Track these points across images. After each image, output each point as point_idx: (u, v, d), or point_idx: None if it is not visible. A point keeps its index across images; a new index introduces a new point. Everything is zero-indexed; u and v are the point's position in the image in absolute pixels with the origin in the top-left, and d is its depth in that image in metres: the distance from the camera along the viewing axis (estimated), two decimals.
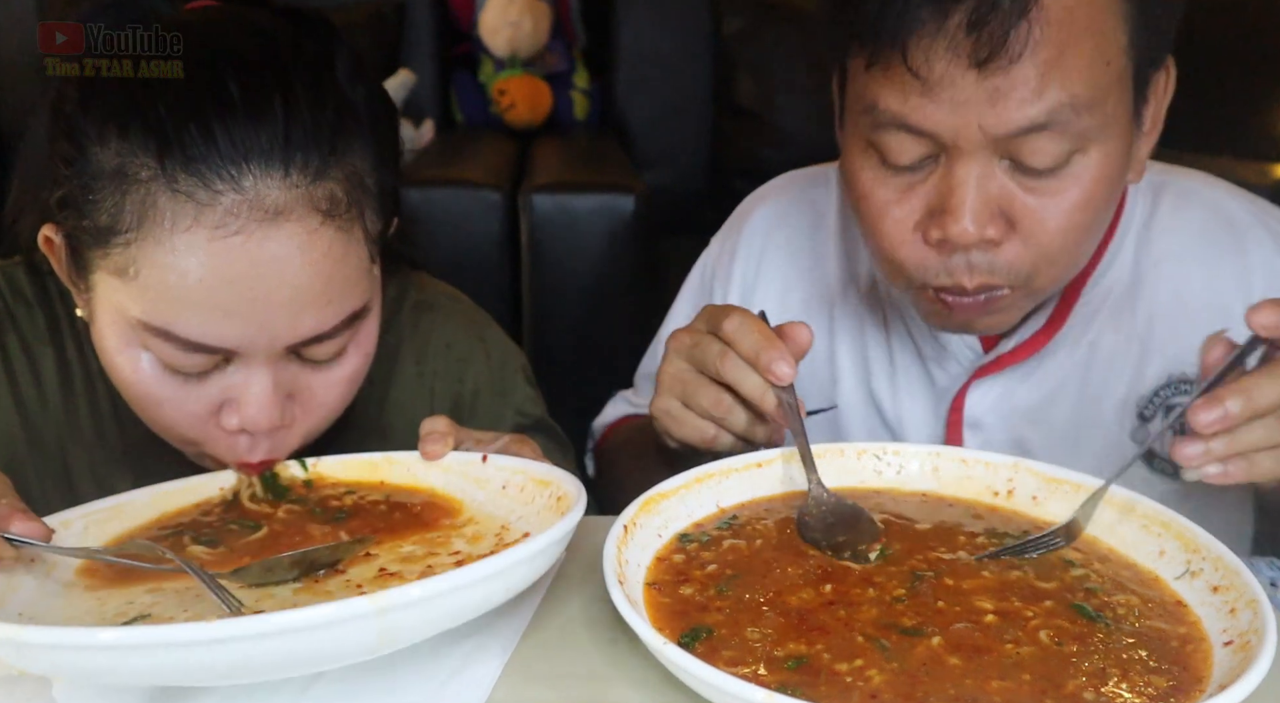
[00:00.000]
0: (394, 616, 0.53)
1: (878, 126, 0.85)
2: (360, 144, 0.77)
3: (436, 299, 1.07)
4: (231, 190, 0.70)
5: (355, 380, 0.84)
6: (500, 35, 2.71)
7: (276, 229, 0.72)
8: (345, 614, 0.52)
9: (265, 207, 0.71)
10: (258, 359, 0.76)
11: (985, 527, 0.75)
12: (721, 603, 0.65)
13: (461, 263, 2.09)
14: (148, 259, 0.72)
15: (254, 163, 0.71)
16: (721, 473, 0.79)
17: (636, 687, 0.63)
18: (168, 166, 0.70)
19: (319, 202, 0.74)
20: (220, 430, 0.79)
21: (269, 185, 0.71)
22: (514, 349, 1.11)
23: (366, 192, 0.78)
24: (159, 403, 0.78)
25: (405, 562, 0.69)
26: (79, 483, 0.91)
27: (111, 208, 0.72)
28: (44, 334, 0.91)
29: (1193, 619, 0.63)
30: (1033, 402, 1.00)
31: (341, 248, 0.76)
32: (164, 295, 0.72)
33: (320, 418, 0.83)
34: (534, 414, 1.08)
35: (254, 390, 0.76)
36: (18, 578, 0.65)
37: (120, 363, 0.77)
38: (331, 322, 0.77)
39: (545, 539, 0.60)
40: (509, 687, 0.63)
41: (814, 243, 1.13)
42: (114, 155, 0.71)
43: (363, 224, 0.78)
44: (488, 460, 0.80)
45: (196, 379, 0.77)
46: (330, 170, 0.74)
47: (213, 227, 0.70)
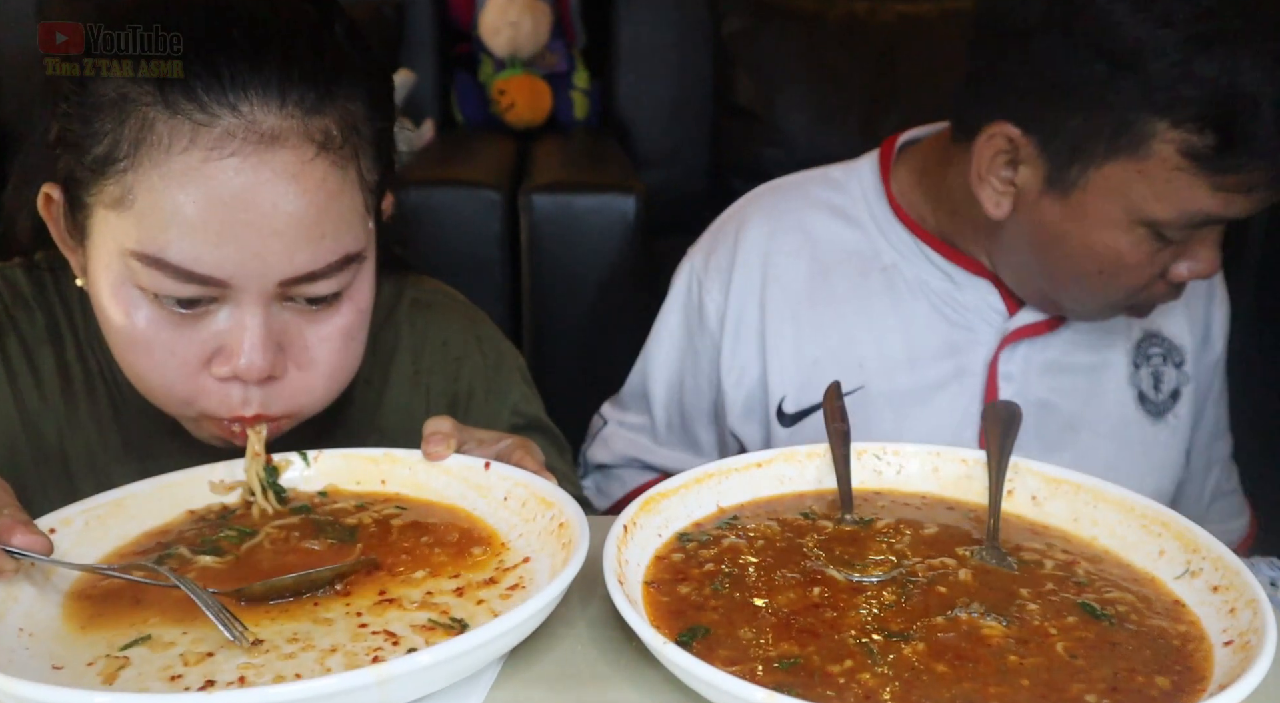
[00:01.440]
0: (394, 684, 0.53)
1: (1190, 224, 0.99)
2: (355, 92, 0.79)
3: (433, 298, 1.07)
4: (228, 114, 0.72)
5: (349, 337, 0.83)
6: (500, 35, 2.71)
7: (271, 154, 0.73)
8: (346, 686, 0.52)
9: (261, 131, 0.73)
10: (249, 298, 0.76)
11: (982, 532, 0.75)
12: (717, 602, 0.65)
13: (461, 263, 2.09)
14: (144, 183, 0.73)
15: (252, 91, 0.73)
16: (721, 473, 0.79)
17: (636, 686, 0.63)
18: (167, 93, 0.72)
19: (314, 133, 0.75)
20: (212, 381, 0.79)
21: (266, 112, 0.73)
22: (510, 348, 1.11)
23: (362, 138, 0.80)
24: (150, 350, 0.77)
25: (405, 586, 0.68)
26: (80, 483, 0.91)
27: (110, 136, 0.73)
28: (44, 335, 0.91)
29: (1191, 619, 0.63)
30: (1051, 358, 1.18)
31: (336, 183, 0.77)
32: (159, 220, 0.73)
33: (313, 377, 0.82)
34: (530, 413, 1.08)
35: (245, 334, 0.77)
36: (17, 587, 0.65)
37: (113, 310, 0.77)
38: (325, 259, 0.77)
39: (548, 595, 0.60)
40: (508, 686, 0.63)
41: (815, 243, 1.21)
42: (115, 86, 0.74)
43: (358, 167, 0.79)
44: (490, 468, 0.79)
45: (188, 324, 0.77)
46: (326, 107, 0.76)
47: (208, 148, 0.72)
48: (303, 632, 0.63)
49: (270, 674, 0.58)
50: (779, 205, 1.24)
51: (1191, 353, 1.22)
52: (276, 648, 0.61)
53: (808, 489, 0.81)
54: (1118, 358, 1.19)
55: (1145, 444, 1.20)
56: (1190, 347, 1.22)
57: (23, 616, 0.64)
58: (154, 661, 0.60)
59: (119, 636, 0.63)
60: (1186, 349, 1.21)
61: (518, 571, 0.70)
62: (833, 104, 2.45)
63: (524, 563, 0.71)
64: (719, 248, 1.24)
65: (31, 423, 0.90)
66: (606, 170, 2.32)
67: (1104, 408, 1.18)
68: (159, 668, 0.59)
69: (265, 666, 0.59)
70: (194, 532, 0.76)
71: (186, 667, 0.59)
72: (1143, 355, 1.20)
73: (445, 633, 0.62)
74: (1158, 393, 1.20)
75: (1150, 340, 1.21)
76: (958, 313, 1.17)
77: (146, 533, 0.76)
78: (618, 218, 2.09)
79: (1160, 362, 1.20)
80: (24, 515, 0.66)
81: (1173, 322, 1.21)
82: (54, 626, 0.64)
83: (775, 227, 1.22)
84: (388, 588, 0.68)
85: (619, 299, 2.12)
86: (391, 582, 0.69)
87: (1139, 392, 1.19)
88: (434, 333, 1.05)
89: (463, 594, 0.67)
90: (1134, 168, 0.98)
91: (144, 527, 0.76)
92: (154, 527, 0.76)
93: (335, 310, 0.81)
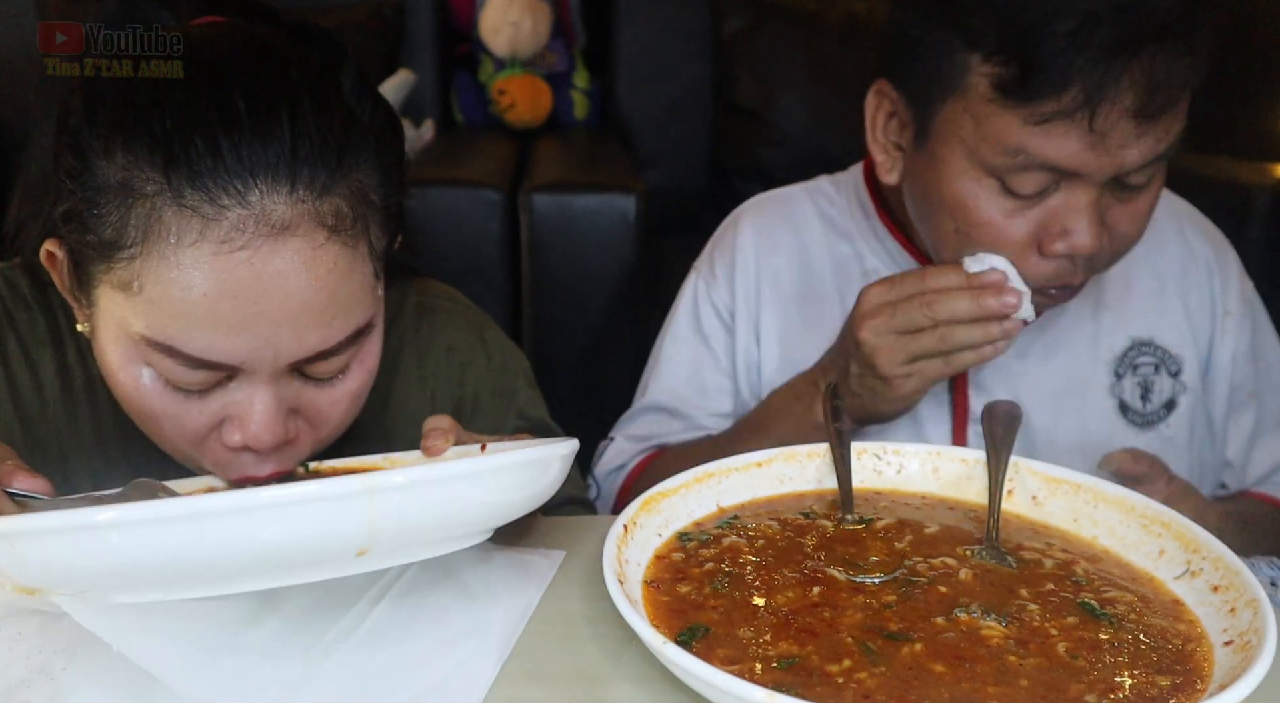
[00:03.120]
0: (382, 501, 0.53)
1: (1019, 167, 0.94)
2: (366, 159, 0.77)
3: (437, 302, 1.07)
4: (238, 205, 0.70)
5: (359, 396, 0.83)
6: (500, 35, 2.71)
7: (282, 245, 0.71)
8: (334, 492, 0.52)
9: (271, 222, 0.71)
10: (261, 376, 0.76)
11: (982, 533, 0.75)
12: (717, 602, 0.65)
13: (461, 263, 2.09)
14: (152, 274, 0.71)
15: (260, 178, 0.70)
16: (721, 472, 0.79)
17: (636, 686, 0.63)
18: (173, 181, 0.70)
19: (325, 217, 0.73)
20: (222, 447, 0.79)
21: (275, 201, 0.71)
22: (515, 351, 1.10)
23: (372, 207, 0.77)
24: (160, 419, 0.77)
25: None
26: (79, 487, 0.91)
27: (116, 222, 0.71)
28: (44, 337, 0.91)
29: (1190, 618, 0.63)
30: (1027, 366, 1.14)
31: (347, 264, 0.75)
32: (168, 311, 0.72)
33: (325, 434, 0.83)
34: (535, 416, 1.08)
35: (257, 407, 0.76)
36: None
37: (122, 379, 0.77)
38: (335, 338, 0.76)
39: (543, 451, 0.60)
40: (507, 685, 0.63)
41: (804, 248, 1.22)
42: (119, 169, 0.71)
43: (368, 240, 0.77)
44: (486, 449, 0.79)
45: (199, 396, 0.77)
46: (336, 185, 0.74)
47: (218, 242, 0.70)
48: None
49: None
50: (771, 217, 1.25)
51: (1192, 361, 1.17)
52: None
53: (808, 489, 0.81)
54: (1095, 369, 1.16)
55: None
56: (1191, 355, 1.17)
57: None
58: None
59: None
60: (1185, 357, 1.17)
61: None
62: (833, 104, 2.45)
63: None
64: (719, 254, 1.26)
65: (31, 426, 0.89)
66: (606, 170, 2.32)
67: (1080, 418, 1.15)
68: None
69: None
70: None
71: None
72: (1127, 365, 1.16)
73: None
74: (1145, 404, 1.16)
75: (1139, 349, 1.17)
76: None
77: None
78: (618, 218, 2.09)
79: (1151, 371, 1.16)
80: (22, 463, 0.67)
81: (1169, 328, 1.17)
82: None
83: (767, 238, 1.23)
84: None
85: (619, 299, 2.12)
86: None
87: (1120, 402, 1.16)
88: (439, 338, 1.04)
89: None
90: (960, 107, 0.96)
91: None
92: None
93: (346, 376, 0.81)
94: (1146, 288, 1.17)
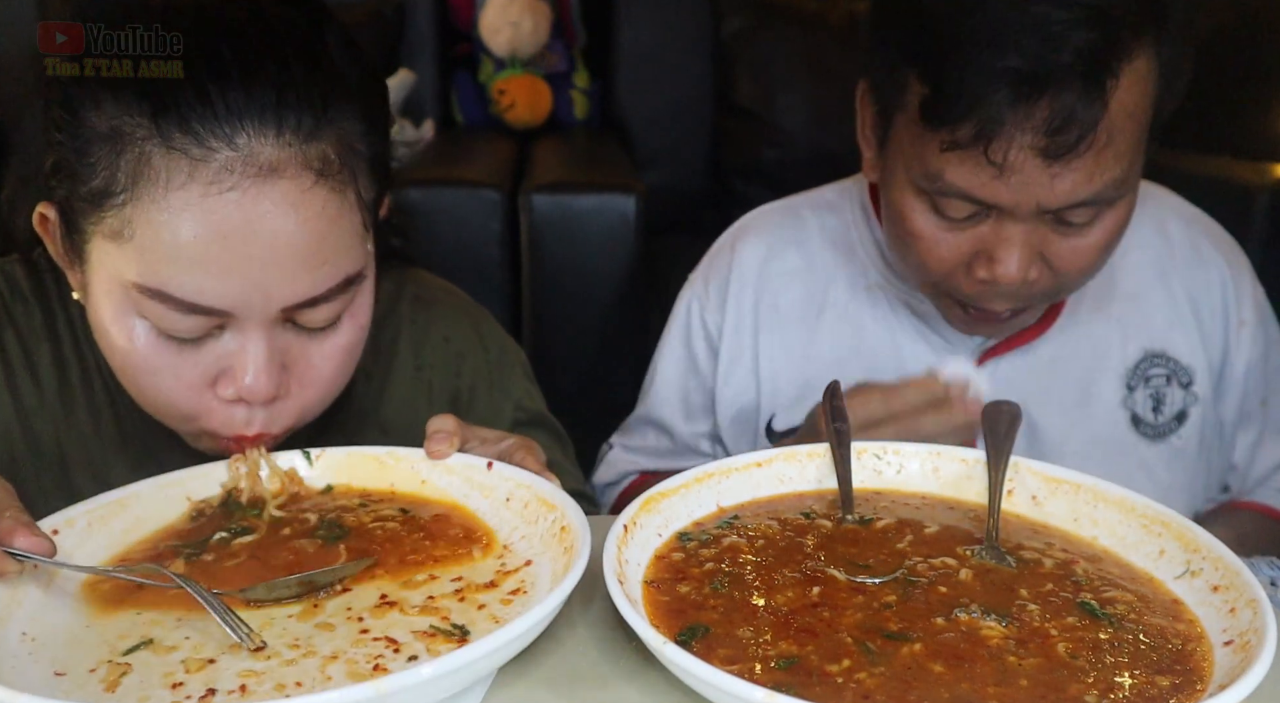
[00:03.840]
0: (395, 698, 0.53)
1: (938, 191, 0.96)
2: (351, 111, 0.78)
3: (433, 294, 1.07)
4: (225, 147, 0.71)
5: (351, 353, 0.83)
6: (500, 35, 2.71)
7: (270, 186, 0.73)
8: (347, 699, 0.52)
9: (259, 163, 0.72)
10: (252, 324, 0.76)
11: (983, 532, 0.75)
12: (716, 601, 0.65)
13: (461, 263, 2.09)
14: (143, 218, 0.72)
15: (247, 122, 0.72)
16: (722, 473, 0.79)
17: (636, 686, 0.63)
18: (162, 126, 0.71)
19: (312, 161, 0.75)
20: (217, 402, 0.79)
21: (262, 143, 0.72)
22: (511, 344, 1.11)
23: (359, 157, 0.79)
24: (154, 372, 0.77)
25: (406, 588, 0.68)
26: (76, 479, 0.91)
27: (106, 170, 0.73)
28: (41, 330, 0.91)
29: (1190, 618, 0.63)
30: (1035, 378, 1.13)
31: (335, 209, 0.76)
32: (159, 255, 0.72)
33: (317, 392, 0.82)
34: (533, 409, 1.08)
35: (250, 357, 0.76)
36: (22, 591, 0.65)
37: (115, 334, 0.77)
38: (326, 284, 0.77)
39: (550, 604, 0.60)
40: (507, 685, 0.63)
41: (809, 265, 1.22)
42: (108, 117, 0.72)
43: (356, 188, 0.79)
44: (493, 468, 0.79)
45: (192, 347, 0.77)
46: (323, 132, 0.75)
47: (207, 183, 0.71)
48: (304, 637, 0.63)
49: (271, 682, 0.58)
50: (773, 229, 1.24)
51: (1204, 372, 1.16)
52: (278, 654, 0.61)
53: (808, 489, 0.81)
54: (1107, 380, 1.15)
55: (1145, 467, 1.16)
56: (1202, 366, 1.16)
57: (27, 620, 0.64)
58: (156, 666, 0.60)
59: (121, 639, 0.63)
60: (1197, 369, 1.16)
61: (519, 574, 0.70)
62: (833, 104, 2.44)
63: (525, 566, 0.70)
64: (715, 270, 1.25)
65: (28, 419, 0.90)
66: (606, 170, 2.32)
67: (1091, 430, 1.15)
68: (161, 674, 0.59)
69: (267, 673, 0.59)
70: (195, 531, 0.76)
71: (188, 673, 0.59)
72: (1139, 377, 1.15)
73: (446, 640, 0.62)
74: (1157, 415, 1.15)
75: (1152, 361, 1.16)
76: (938, 331, 1.15)
77: (147, 537, 0.75)
78: (618, 218, 2.09)
79: (1163, 383, 1.15)
80: (26, 517, 0.66)
81: (1181, 339, 1.16)
82: (57, 630, 0.64)
83: (769, 251, 1.22)
84: (389, 590, 0.68)
85: (619, 298, 2.12)
86: (393, 583, 0.69)
87: (1133, 414, 1.15)
88: (435, 329, 1.05)
89: (464, 598, 0.67)
90: (902, 122, 0.98)
91: (146, 525, 0.76)
92: (156, 528, 0.76)
93: (337, 329, 0.81)
94: (1159, 299, 1.16)
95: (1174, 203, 1.21)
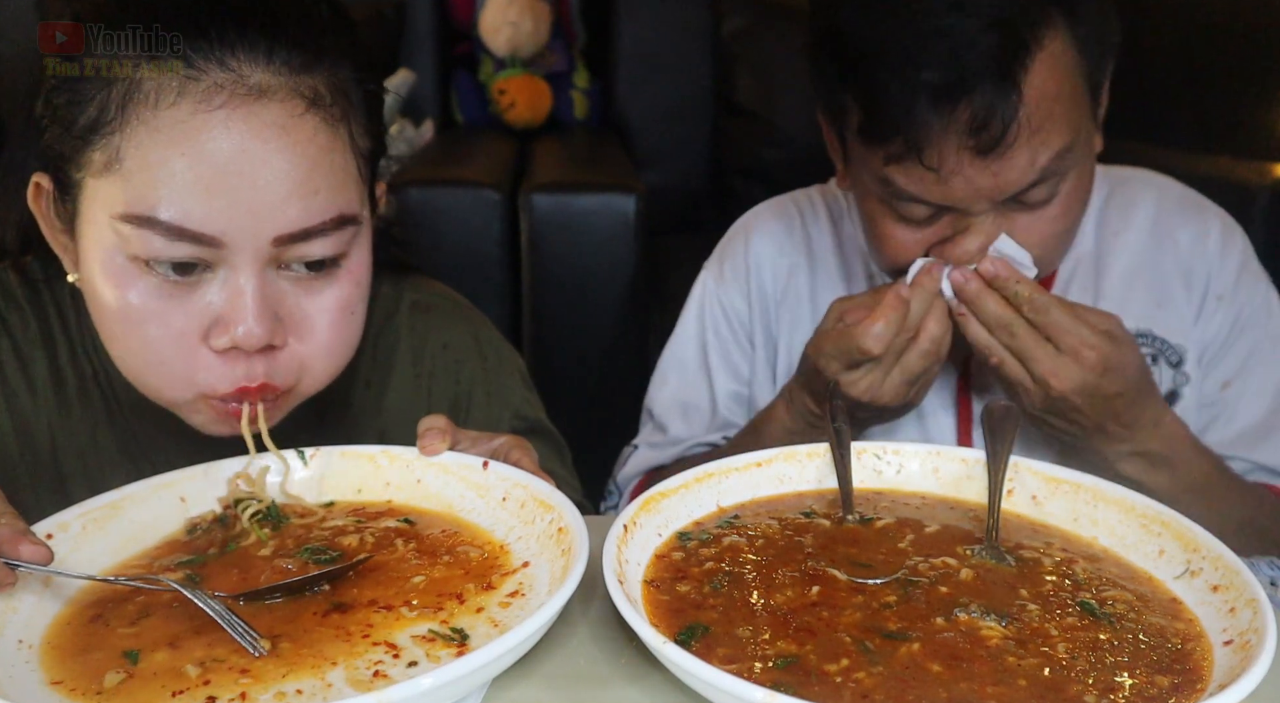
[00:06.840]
0: None
1: (895, 197, 1.01)
2: (343, 59, 0.79)
3: (433, 300, 1.07)
4: (216, 68, 0.73)
5: (347, 310, 0.82)
6: (500, 35, 2.71)
7: (261, 107, 0.74)
8: None
9: (249, 85, 0.74)
10: (244, 261, 0.75)
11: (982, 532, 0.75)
12: (716, 601, 0.65)
13: (461, 263, 2.09)
14: (132, 141, 0.73)
15: (240, 49, 0.74)
16: (722, 473, 0.79)
17: (636, 685, 0.63)
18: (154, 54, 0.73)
19: (303, 89, 0.76)
20: (211, 356, 0.77)
21: (253, 67, 0.74)
22: (510, 351, 1.10)
23: (352, 103, 0.80)
24: (144, 322, 0.76)
25: (405, 591, 0.68)
26: (72, 487, 0.90)
27: (97, 100, 0.74)
28: (37, 339, 0.90)
29: (1190, 618, 0.63)
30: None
31: (327, 139, 0.77)
32: (148, 178, 0.73)
33: (313, 349, 0.81)
34: (531, 417, 1.08)
35: (242, 299, 0.75)
36: (17, 598, 0.65)
37: (106, 288, 0.76)
38: (318, 216, 0.76)
39: (549, 610, 0.60)
40: (508, 685, 0.63)
41: (820, 259, 1.26)
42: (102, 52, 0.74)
43: (349, 130, 0.79)
44: (489, 468, 0.79)
45: (183, 292, 0.76)
46: (314, 68, 0.77)
47: (196, 101, 0.73)
48: (303, 642, 0.62)
49: (271, 691, 0.58)
50: (782, 221, 1.28)
51: (1194, 351, 1.16)
52: (277, 660, 0.61)
53: (808, 489, 0.81)
54: None
55: None
56: (1193, 345, 1.16)
57: (22, 627, 0.64)
58: (154, 675, 0.60)
59: (119, 647, 0.62)
60: (1186, 347, 1.16)
61: (517, 576, 0.70)
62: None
63: (523, 568, 0.70)
64: (730, 258, 1.28)
65: (24, 426, 0.89)
66: (606, 170, 2.32)
67: None
68: (159, 683, 0.59)
69: (266, 680, 0.59)
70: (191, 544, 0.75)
71: (188, 681, 0.59)
72: None
73: (445, 645, 0.62)
74: None
75: (1139, 339, 1.14)
76: None
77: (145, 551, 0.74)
78: (618, 218, 2.09)
79: (1150, 362, 1.14)
80: (22, 524, 0.65)
81: (1170, 319, 1.16)
82: (53, 638, 0.64)
83: (781, 243, 1.26)
84: (385, 594, 0.68)
85: (619, 298, 2.12)
86: (391, 588, 0.68)
87: None
88: (434, 335, 1.04)
89: (463, 600, 0.67)
90: (849, 139, 1.04)
91: (142, 531, 0.75)
92: (153, 542, 0.75)
93: (333, 281, 0.80)
94: (1147, 279, 1.16)
95: (1163, 183, 1.22)
